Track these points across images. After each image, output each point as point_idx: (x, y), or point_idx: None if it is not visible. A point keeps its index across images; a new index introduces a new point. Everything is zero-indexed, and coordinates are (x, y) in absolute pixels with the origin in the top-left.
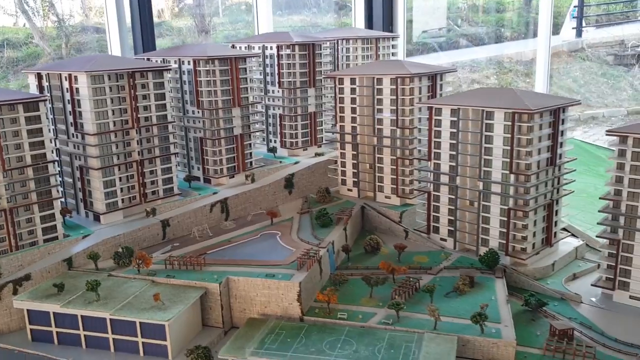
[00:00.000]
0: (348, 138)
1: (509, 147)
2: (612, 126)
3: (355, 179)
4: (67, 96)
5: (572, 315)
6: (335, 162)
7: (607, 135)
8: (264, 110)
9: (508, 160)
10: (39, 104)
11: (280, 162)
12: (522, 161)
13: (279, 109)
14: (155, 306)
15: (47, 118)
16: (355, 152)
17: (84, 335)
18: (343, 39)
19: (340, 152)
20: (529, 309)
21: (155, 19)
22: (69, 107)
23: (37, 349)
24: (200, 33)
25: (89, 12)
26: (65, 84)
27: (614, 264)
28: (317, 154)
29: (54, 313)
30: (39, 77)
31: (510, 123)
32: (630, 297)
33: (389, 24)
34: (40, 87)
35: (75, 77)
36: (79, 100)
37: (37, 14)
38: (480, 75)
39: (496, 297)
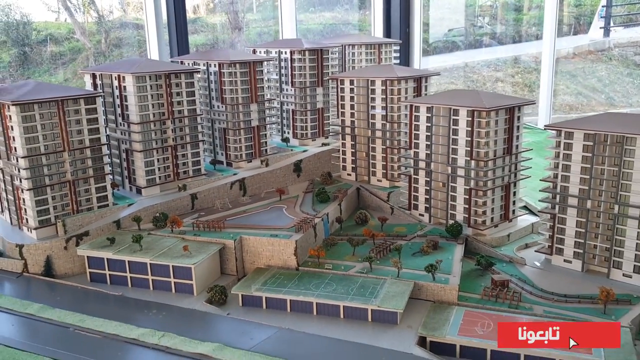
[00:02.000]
0: (348, 130)
1: (469, 139)
2: None
3: (353, 165)
4: (116, 92)
5: (515, 273)
6: (338, 151)
7: (544, 129)
8: (279, 106)
9: (469, 149)
10: (95, 98)
11: (292, 150)
12: (481, 150)
13: (291, 105)
14: (184, 255)
15: (101, 109)
16: (353, 142)
17: (130, 277)
18: (349, 44)
19: (342, 143)
20: (479, 268)
21: (191, 15)
22: (117, 101)
23: (94, 287)
24: (234, 30)
25: (127, 7)
26: (115, 83)
27: (551, 234)
28: (323, 144)
29: (107, 259)
30: (94, 76)
31: (470, 119)
32: (564, 260)
33: (405, 25)
34: (95, 85)
35: (123, 77)
36: (125, 96)
37: (79, 10)
38: (504, 74)
39: (453, 257)
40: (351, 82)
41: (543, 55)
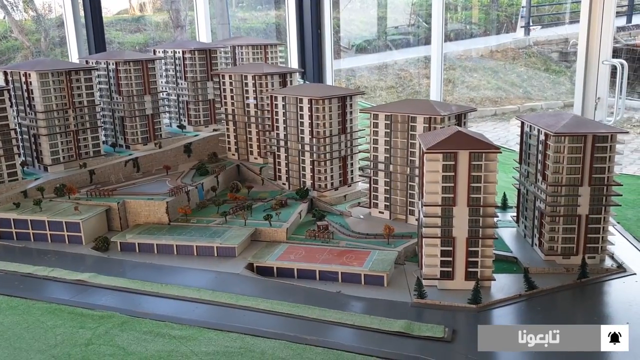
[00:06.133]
0: (230, 117)
1: (310, 121)
2: None
3: (236, 146)
4: (24, 87)
5: (340, 222)
6: (224, 134)
7: (360, 112)
8: (176, 97)
9: (311, 129)
10: (3, 92)
11: (185, 134)
12: (320, 130)
13: (186, 96)
14: (75, 214)
15: (10, 101)
16: (234, 127)
17: (32, 233)
18: (238, 45)
19: (226, 128)
20: (314, 218)
21: (138, 13)
22: (25, 95)
23: (2, 242)
24: (176, 28)
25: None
26: (23, 79)
27: (369, 192)
28: (214, 130)
29: (13, 219)
30: (5, 73)
31: (310, 106)
32: (379, 212)
33: (317, 26)
34: (6, 81)
35: (29, 74)
36: (31, 90)
37: (16, 8)
38: (429, 71)
39: (294, 211)
40: (230, 77)
41: (432, 60)
